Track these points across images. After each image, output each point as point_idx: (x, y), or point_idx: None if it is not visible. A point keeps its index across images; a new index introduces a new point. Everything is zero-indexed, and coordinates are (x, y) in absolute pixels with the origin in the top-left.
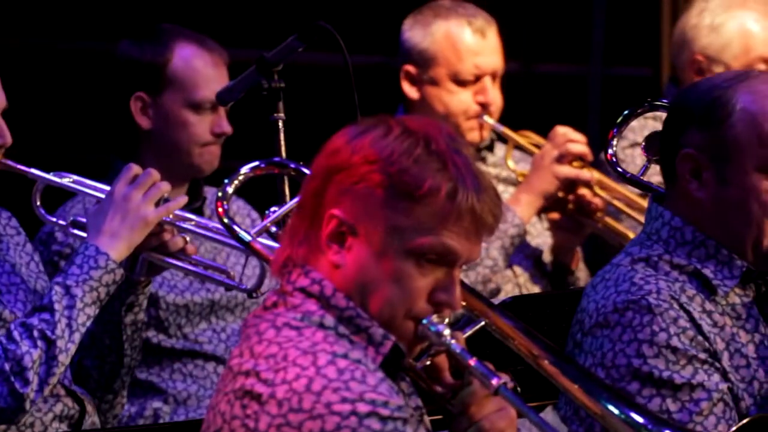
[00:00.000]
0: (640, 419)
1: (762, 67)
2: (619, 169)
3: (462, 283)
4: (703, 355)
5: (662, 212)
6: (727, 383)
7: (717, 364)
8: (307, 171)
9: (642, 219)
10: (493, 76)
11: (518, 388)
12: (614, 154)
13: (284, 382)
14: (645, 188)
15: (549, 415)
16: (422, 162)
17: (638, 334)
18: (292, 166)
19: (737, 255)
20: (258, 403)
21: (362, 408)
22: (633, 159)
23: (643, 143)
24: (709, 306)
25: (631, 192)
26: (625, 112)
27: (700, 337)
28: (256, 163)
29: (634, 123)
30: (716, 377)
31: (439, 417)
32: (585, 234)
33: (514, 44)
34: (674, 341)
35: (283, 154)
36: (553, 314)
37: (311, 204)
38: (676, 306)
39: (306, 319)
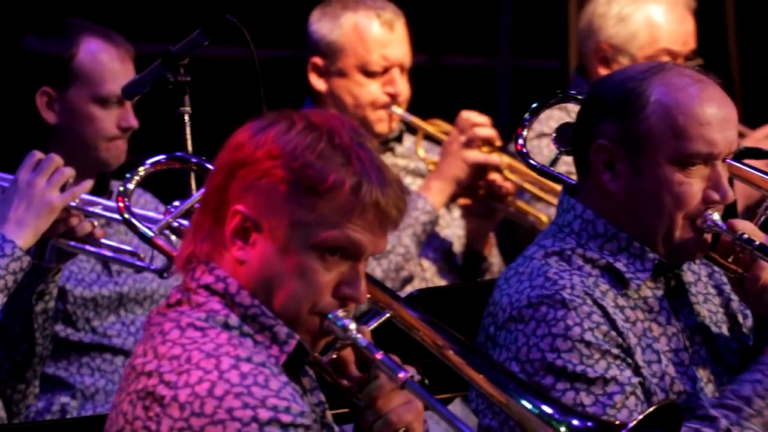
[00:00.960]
0: (546, 408)
1: (666, 59)
2: (530, 161)
3: (366, 276)
4: (616, 350)
5: (574, 204)
6: (639, 378)
7: (629, 360)
8: (209, 166)
9: (553, 201)
10: (401, 67)
11: (426, 381)
12: (524, 146)
13: (187, 385)
14: (555, 179)
15: (457, 407)
16: (326, 156)
17: (552, 329)
18: (194, 160)
19: (649, 248)
20: (160, 405)
21: (263, 414)
22: (540, 150)
23: (554, 134)
24: (621, 301)
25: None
26: (535, 104)
27: (613, 333)
28: (158, 158)
29: (541, 114)
30: (628, 372)
31: (345, 411)
32: (497, 219)
33: (423, 36)
34: (588, 336)
35: (189, 148)
36: (461, 307)
37: (215, 199)
38: (589, 301)
39: (210, 319)
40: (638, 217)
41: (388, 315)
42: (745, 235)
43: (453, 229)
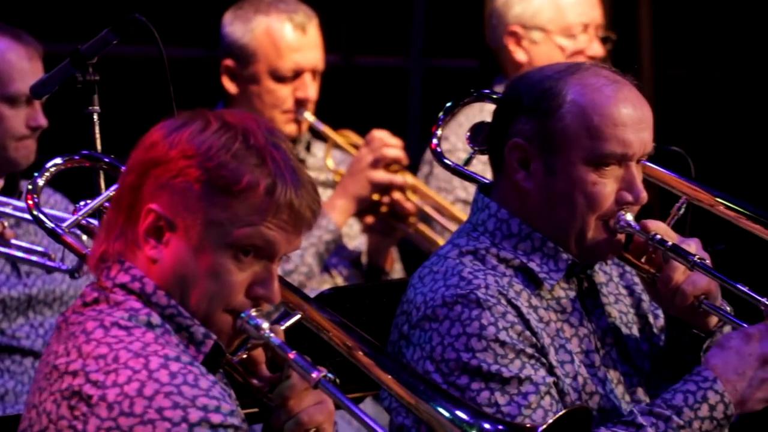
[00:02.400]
0: (458, 412)
1: (577, 28)
2: (445, 161)
3: (279, 278)
4: (530, 350)
5: (488, 203)
6: (553, 377)
7: (543, 359)
8: (119, 164)
9: (451, 227)
10: (314, 72)
11: (337, 380)
12: (439, 145)
13: (115, 384)
14: (469, 179)
15: (369, 406)
16: (240, 157)
17: (467, 328)
18: (105, 159)
19: (562, 248)
20: (87, 405)
21: (194, 415)
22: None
23: (468, 133)
24: (535, 301)
25: (443, 199)
26: (449, 103)
27: (527, 332)
28: (67, 156)
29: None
30: (543, 371)
31: (255, 410)
32: (397, 237)
33: (335, 36)
34: (502, 335)
35: (99, 147)
36: (372, 305)
37: (128, 198)
38: (504, 301)
39: (133, 318)
40: (552, 217)
41: (299, 316)
42: (658, 236)
43: (362, 239)
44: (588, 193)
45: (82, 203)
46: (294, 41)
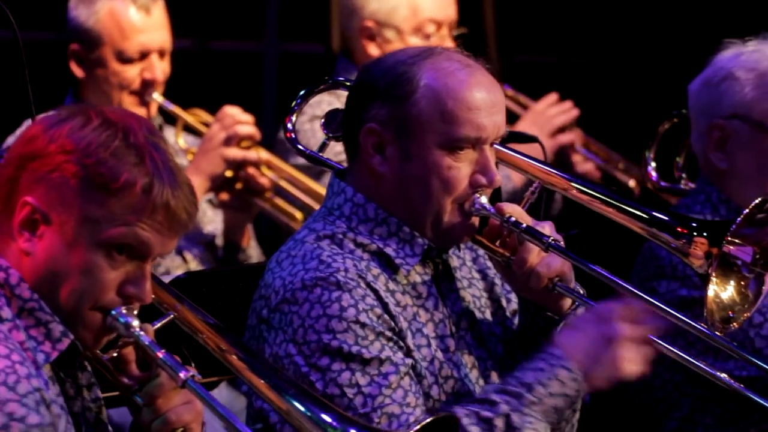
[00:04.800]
0: (324, 416)
1: (431, 27)
2: (299, 146)
3: (153, 277)
4: (389, 333)
5: (344, 188)
6: (412, 360)
7: (401, 343)
8: None
9: (307, 200)
10: (161, 52)
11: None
12: (293, 131)
13: None
14: (324, 164)
15: (223, 391)
16: (119, 155)
17: (327, 310)
18: None
19: (418, 232)
20: None
21: None
22: (314, 133)
23: (323, 120)
24: (392, 285)
25: (298, 173)
26: (303, 91)
27: (386, 316)
28: None
29: (313, 98)
30: (401, 354)
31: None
32: (254, 213)
33: (189, 21)
34: (363, 317)
35: None
36: (227, 290)
37: (4, 190)
38: (363, 284)
39: None
40: (407, 201)
41: (171, 316)
42: (513, 218)
43: (216, 224)
44: (443, 177)
45: None
46: (138, 22)
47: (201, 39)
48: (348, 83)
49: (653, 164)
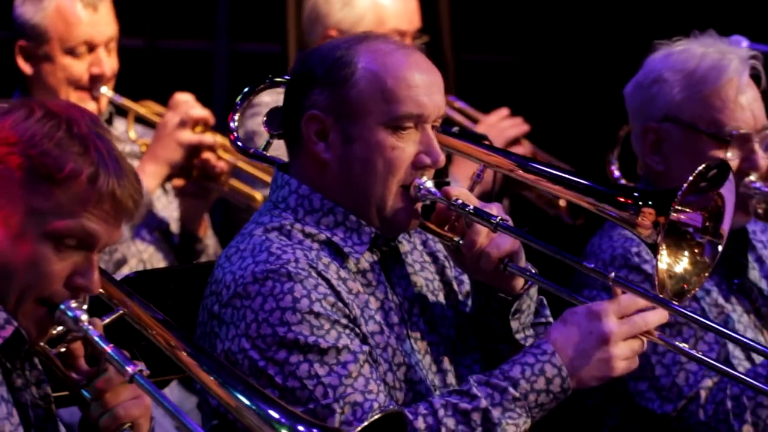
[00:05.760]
0: (272, 412)
1: (396, 38)
2: (241, 145)
3: (103, 272)
4: (344, 320)
5: (288, 180)
6: (368, 346)
7: (357, 330)
8: None
9: (265, 177)
10: (108, 47)
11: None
12: (236, 131)
13: None
14: (270, 162)
15: (174, 390)
16: (64, 145)
17: (280, 302)
18: None
19: (365, 221)
20: None
21: None
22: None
23: (265, 119)
24: (343, 273)
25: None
26: (246, 89)
27: (340, 304)
28: None
29: (267, 98)
30: (358, 341)
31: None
32: (212, 199)
33: (139, 20)
34: (316, 307)
35: None
36: (177, 288)
37: None
38: (314, 274)
39: None
40: (352, 187)
41: (121, 311)
42: (460, 201)
43: (170, 211)
44: (387, 157)
45: None
46: (85, 17)
47: (151, 38)
48: (285, 79)
49: (616, 163)
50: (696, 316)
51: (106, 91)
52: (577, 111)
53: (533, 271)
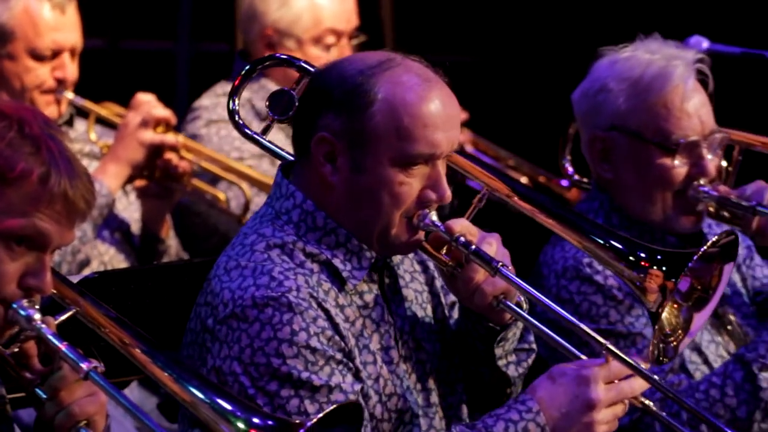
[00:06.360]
0: (227, 405)
1: (332, 39)
2: (246, 130)
3: (55, 272)
4: (339, 355)
5: (294, 192)
6: (361, 383)
7: (351, 364)
8: None
9: (231, 177)
10: (72, 51)
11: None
12: (237, 113)
13: None
14: (267, 150)
15: (135, 391)
16: (15, 145)
17: (278, 333)
18: None
19: (366, 244)
20: None
21: None
22: (210, 137)
23: (268, 102)
24: (342, 300)
25: (219, 154)
26: (247, 66)
27: (336, 337)
28: None
29: (207, 102)
30: (350, 378)
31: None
32: (174, 199)
33: (100, 20)
34: (313, 342)
35: None
36: (137, 290)
37: None
38: (314, 305)
39: None
40: (356, 213)
41: (74, 310)
42: (462, 238)
43: (131, 212)
44: (393, 192)
45: None
46: (52, 20)
47: (113, 38)
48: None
49: (569, 159)
50: (677, 395)
51: (68, 94)
52: (525, 110)
53: (525, 307)
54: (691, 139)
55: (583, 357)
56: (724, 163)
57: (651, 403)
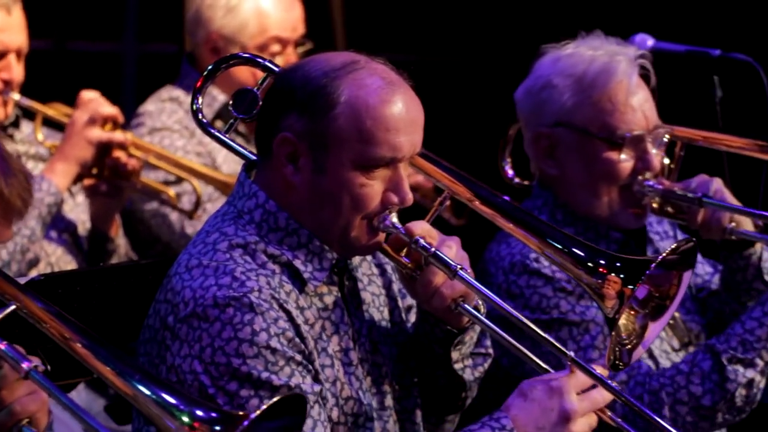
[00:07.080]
0: (170, 398)
1: (277, 47)
2: (211, 130)
3: None
4: (299, 357)
5: (256, 192)
6: (320, 385)
7: (310, 366)
8: None
9: (177, 172)
10: (18, 53)
11: (48, 368)
12: (200, 111)
13: None
14: (229, 148)
15: (82, 393)
16: None
17: (239, 333)
18: None
19: (326, 244)
20: None
21: None
22: (153, 145)
23: (230, 101)
24: (302, 302)
25: (164, 150)
26: (210, 66)
27: (297, 339)
28: None
29: (152, 107)
30: (309, 379)
31: None
32: (124, 198)
33: (46, 21)
34: (274, 342)
35: None
36: (83, 291)
37: None
38: (276, 306)
39: None
40: (316, 214)
41: (13, 307)
42: (422, 241)
43: (77, 213)
44: (355, 194)
45: None
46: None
47: (59, 39)
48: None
49: (509, 162)
50: (642, 408)
51: (14, 95)
52: (468, 110)
53: (483, 311)
54: (636, 133)
55: (538, 360)
56: (666, 160)
57: (614, 417)
